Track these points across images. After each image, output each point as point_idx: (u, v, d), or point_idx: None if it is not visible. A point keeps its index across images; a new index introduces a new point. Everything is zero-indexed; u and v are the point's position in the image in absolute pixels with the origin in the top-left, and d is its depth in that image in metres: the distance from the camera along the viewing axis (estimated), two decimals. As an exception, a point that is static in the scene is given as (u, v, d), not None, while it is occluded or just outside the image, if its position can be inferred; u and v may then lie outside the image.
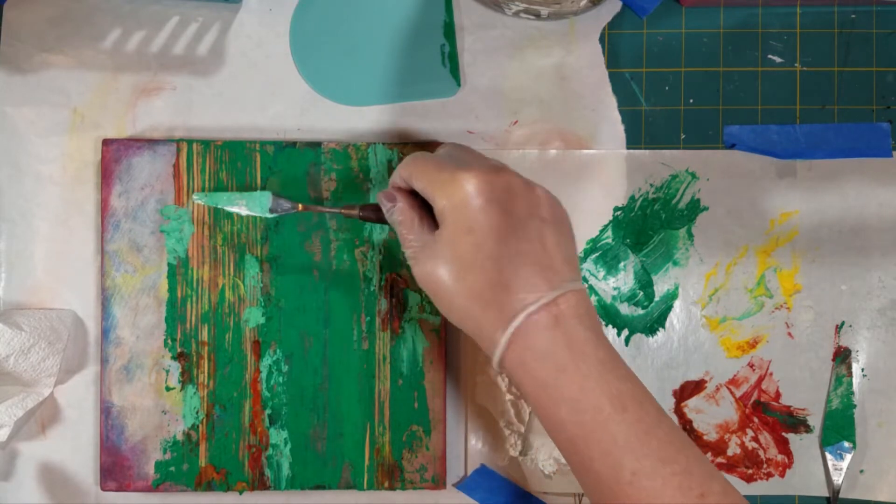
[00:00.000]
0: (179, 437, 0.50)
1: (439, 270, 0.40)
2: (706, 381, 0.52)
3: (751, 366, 0.52)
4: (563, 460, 0.52)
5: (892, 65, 0.53)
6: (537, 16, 0.51)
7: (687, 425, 0.52)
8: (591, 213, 0.52)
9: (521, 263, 0.39)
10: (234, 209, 0.48)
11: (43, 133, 0.52)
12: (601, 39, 0.53)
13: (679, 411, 0.52)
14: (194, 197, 0.49)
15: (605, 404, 0.38)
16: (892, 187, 0.52)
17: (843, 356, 0.52)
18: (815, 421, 0.52)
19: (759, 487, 0.52)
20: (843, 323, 0.52)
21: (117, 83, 0.53)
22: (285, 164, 0.51)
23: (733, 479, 0.52)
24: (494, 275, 0.39)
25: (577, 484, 0.52)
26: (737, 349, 0.52)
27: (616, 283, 0.52)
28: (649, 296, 0.52)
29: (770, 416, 0.52)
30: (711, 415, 0.52)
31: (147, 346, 0.51)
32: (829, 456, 0.51)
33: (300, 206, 0.48)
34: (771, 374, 0.52)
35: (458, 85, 0.53)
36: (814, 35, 0.53)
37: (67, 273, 0.52)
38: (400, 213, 0.43)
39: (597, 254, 0.52)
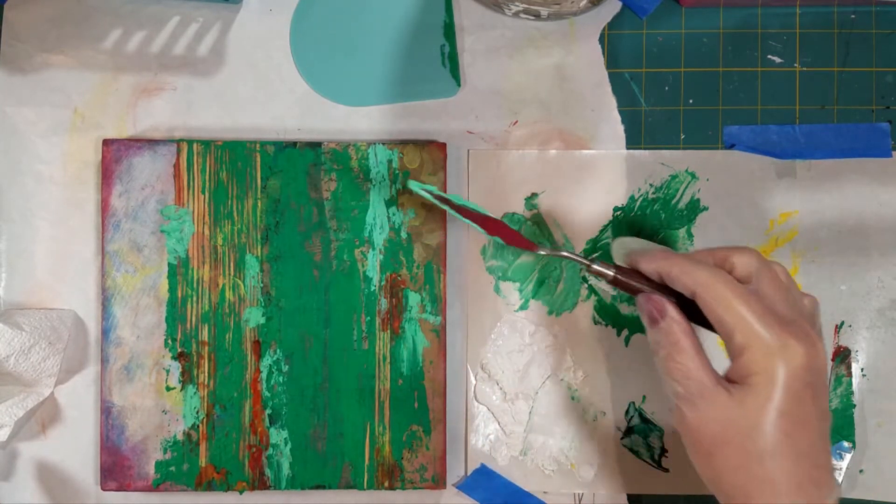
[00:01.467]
0: (180, 436, 0.50)
1: (725, 436, 0.36)
2: (706, 381, 0.52)
3: (750, 366, 0.52)
4: (562, 460, 0.52)
5: (892, 65, 0.53)
6: (537, 16, 0.51)
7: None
8: (590, 214, 0.52)
9: (812, 465, 0.36)
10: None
11: (43, 133, 0.52)
12: (601, 40, 0.53)
13: (679, 411, 0.52)
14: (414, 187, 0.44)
15: None
16: (891, 187, 0.52)
17: (842, 356, 0.52)
18: (815, 421, 0.52)
19: (759, 487, 0.52)
20: (842, 323, 0.52)
21: (117, 83, 0.53)
22: (285, 164, 0.51)
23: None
24: (787, 467, 0.36)
25: (576, 484, 0.52)
26: (736, 349, 0.52)
27: (616, 283, 0.52)
28: (649, 296, 0.52)
29: (770, 415, 0.52)
30: (711, 415, 0.52)
31: (147, 345, 0.51)
32: (828, 456, 0.52)
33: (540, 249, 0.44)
34: (770, 373, 0.52)
35: (458, 85, 0.53)
36: (813, 35, 0.53)
37: (68, 273, 0.52)
38: (672, 335, 0.37)
39: (597, 254, 0.52)
